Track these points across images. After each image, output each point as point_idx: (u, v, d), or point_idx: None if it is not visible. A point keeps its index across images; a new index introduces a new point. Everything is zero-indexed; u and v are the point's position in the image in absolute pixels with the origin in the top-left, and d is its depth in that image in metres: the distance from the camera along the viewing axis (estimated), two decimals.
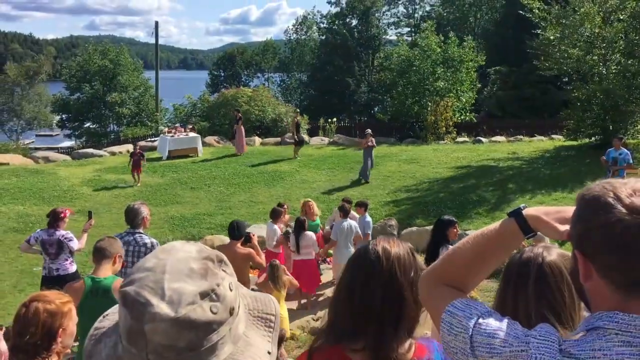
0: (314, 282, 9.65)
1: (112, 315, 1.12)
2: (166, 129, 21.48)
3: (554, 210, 1.31)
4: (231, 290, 1.02)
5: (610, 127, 17.22)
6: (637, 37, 16.78)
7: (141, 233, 5.29)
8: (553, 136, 20.78)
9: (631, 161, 12.19)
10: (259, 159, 18.81)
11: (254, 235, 6.67)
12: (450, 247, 5.08)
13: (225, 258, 1.06)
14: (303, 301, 9.55)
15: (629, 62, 16.70)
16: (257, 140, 21.85)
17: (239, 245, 6.28)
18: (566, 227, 1.24)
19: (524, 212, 1.32)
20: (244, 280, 5.68)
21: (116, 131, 34.59)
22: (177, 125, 22.18)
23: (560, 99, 22.26)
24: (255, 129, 23.38)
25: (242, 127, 19.60)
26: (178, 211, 14.24)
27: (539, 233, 1.31)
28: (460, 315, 1.25)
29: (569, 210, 1.25)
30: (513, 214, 1.33)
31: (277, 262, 6.95)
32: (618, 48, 17.09)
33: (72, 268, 6.98)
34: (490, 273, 1.43)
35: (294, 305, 9.66)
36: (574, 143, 18.45)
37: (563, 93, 21.19)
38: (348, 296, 1.73)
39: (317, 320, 9.09)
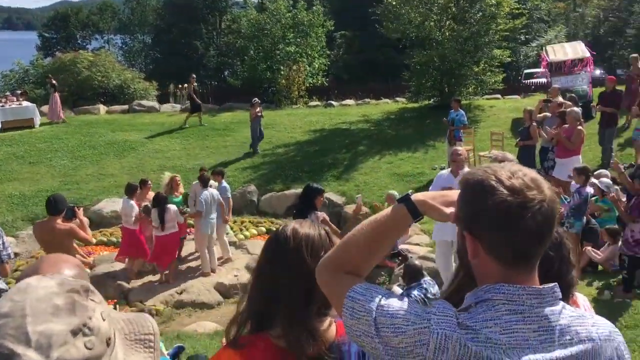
0: (172, 255, 9.47)
1: None
2: None
3: (439, 194, 1.42)
4: (104, 319, 0.94)
5: (446, 89, 18.64)
6: (466, 4, 18.17)
7: None
8: (397, 99, 21.93)
9: (466, 122, 13.34)
10: (106, 129, 17.71)
11: (79, 209, 6.30)
12: (318, 214, 5.24)
13: (91, 287, 0.98)
14: (165, 273, 9.36)
15: (461, 28, 18.08)
16: (102, 108, 20.47)
17: (59, 221, 5.87)
18: (451, 209, 1.36)
19: (412, 197, 1.42)
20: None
21: None
22: (8, 94, 20.02)
23: (401, 62, 23.48)
24: (99, 96, 21.89)
25: (56, 95, 18.31)
26: (16, 189, 13.07)
27: None
28: (362, 299, 1.31)
29: (453, 194, 1.37)
30: (402, 200, 1.42)
31: None
32: (451, 14, 18.39)
33: None
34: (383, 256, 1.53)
35: (156, 278, 9.45)
36: (416, 105, 19.69)
37: (403, 57, 22.40)
38: (259, 279, 1.72)
39: (180, 293, 8.98)
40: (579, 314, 1.31)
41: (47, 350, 0.83)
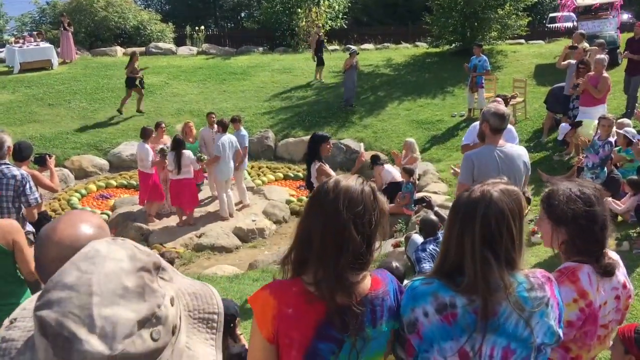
0: (193, 200, 9.60)
1: (21, 323, 0.94)
2: (13, 39, 19.25)
3: None
4: (173, 304, 0.86)
5: (469, 33, 18.10)
6: None
7: (7, 164, 4.86)
8: (417, 43, 21.42)
9: (488, 67, 13.05)
10: (123, 71, 17.51)
11: (51, 157, 6.32)
12: (320, 164, 5.19)
13: (162, 262, 0.90)
14: (184, 218, 9.51)
15: None
16: (119, 50, 20.30)
17: (24, 167, 5.98)
18: None
19: None
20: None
21: None
22: (26, 34, 19.92)
23: (421, 4, 22.70)
24: (116, 37, 21.67)
25: (69, 34, 18.23)
26: (37, 131, 13.18)
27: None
28: None
29: None
30: None
31: None
32: None
33: None
34: None
35: (175, 222, 9.60)
36: (437, 50, 19.23)
37: None
38: (299, 227, 1.77)
39: (199, 236, 9.13)
40: None
41: (111, 341, 0.76)
